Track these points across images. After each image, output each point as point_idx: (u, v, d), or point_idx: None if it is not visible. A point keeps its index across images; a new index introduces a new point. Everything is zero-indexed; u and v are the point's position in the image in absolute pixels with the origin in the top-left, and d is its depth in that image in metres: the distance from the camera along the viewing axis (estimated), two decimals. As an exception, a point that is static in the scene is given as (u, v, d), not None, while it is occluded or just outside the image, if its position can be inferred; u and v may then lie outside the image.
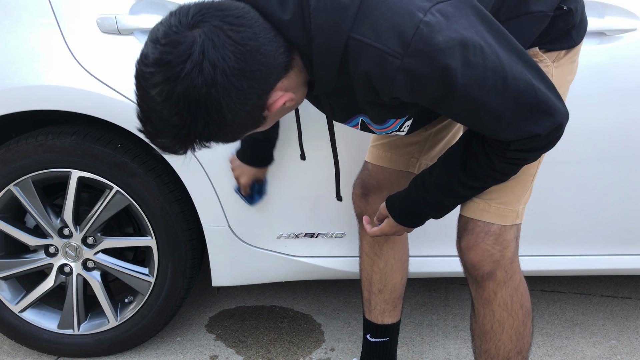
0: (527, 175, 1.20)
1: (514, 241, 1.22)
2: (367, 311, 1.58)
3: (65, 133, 1.60)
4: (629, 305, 2.14)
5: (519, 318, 1.25)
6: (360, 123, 1.18)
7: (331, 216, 1.70)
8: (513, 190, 1.19)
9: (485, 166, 1.10)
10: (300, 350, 1.88)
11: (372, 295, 1.55)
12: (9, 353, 1.88)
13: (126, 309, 1.79)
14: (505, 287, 1.22)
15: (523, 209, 1.23)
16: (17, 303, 1.77)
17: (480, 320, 1.27)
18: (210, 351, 1.88)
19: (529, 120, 1.01)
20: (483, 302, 1.25)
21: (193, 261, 1.73)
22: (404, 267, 1.55)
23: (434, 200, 1.18)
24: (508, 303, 1.23)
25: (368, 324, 1.59)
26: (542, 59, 1.14)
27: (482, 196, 1.19)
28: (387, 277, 1.53)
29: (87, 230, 1.69)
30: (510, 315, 1.24)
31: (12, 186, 1.64)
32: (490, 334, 1.26)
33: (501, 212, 1.19)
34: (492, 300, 1.23)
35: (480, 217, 1.20)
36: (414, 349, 1.89)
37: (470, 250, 1.21)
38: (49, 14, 1.53)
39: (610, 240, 1.71)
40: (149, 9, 1.53)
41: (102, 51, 1.52)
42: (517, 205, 1.21)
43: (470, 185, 1.15)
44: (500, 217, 1.19)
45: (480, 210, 1.20)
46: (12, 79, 1.54)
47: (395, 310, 1.57)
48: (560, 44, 1.15)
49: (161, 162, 1.63)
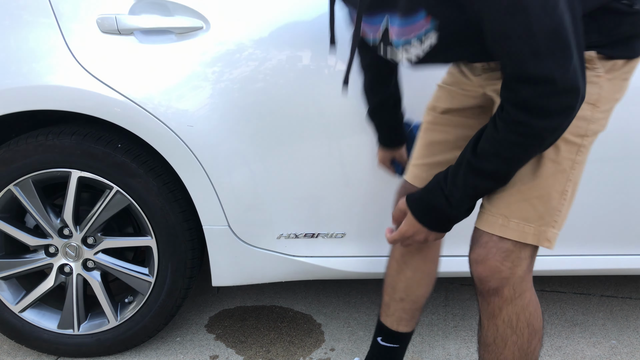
0: (550, 191, 1.12)
1: (528, 259, 1.17)
2: (384, 315, 1.54)
3: (65, 133, 1.60)
4: (629, 305, 2.14)
5: (524, 336, 1.20)
6: (384, 25, 1.09)
7: (331, 216, 1.70)
8: (535, 207, 1.12)
9: (491, 138, 1.03)
10: (300, 350, 1.88)
11: (392, 302, 1.51)
12: (9, 353, 1.88)
13: (126, 309, 1.79)
14: (511, 304, 1.18)
15: (554, 234, 1.14)
16: (17, 303, 1.77)
17: (484, 332, 1.24)
18: (210, 351, 1.88)
19: (555, 58, 0.94)
20: (487, 315, 1.21)
21: (193, 261, 1.73)
22: (430, 281, 1.50)
23: (449, 190, 1.11)
24: (513, 320, 1.19)
25: (382, 327, 1.56)
26: (594, 66, 1.08)
27: (501, 211, 1.14)
28: (412, 288, 1.48)
29: (87, 230, 1.69)
30: (514, 333, 1.19)
31: (12, 186, 1.64)
32: (492, 347, 1.23)
33: (520, 228, 1.13)
34: (496, 315, 1.19)
35: (496, 231, 1.14)
36: (414, 349, 1.89)
37: (478, 264, 1.17)
38: (49, 14, 1.53)
39: (610, 240, 1.71)
40: (149, 9, 1.53)
41: (102, 51, 1.53)
42: (541, 225, 1.13)
43: (478, 168, 1.06)
44: (518, 233, 1.13)
45: (500, 226, 1.14)
46: (12, 79, 1.54)
47: (412, 321, 1.53)
48: (619, 51, 1.08)
49: (161, 162, 1.63)
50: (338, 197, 1.67)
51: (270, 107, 1.56)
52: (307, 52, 1.54)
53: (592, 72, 1.07)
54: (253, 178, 1.63)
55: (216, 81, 1.54)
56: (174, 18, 1.53)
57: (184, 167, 1.59)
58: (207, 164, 1.59)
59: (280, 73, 1.54)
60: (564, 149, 1.10)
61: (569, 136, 1.09)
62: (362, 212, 1.69)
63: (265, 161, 1.62)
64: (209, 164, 1.59)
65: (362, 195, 1.67)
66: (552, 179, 1.11)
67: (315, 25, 1.54)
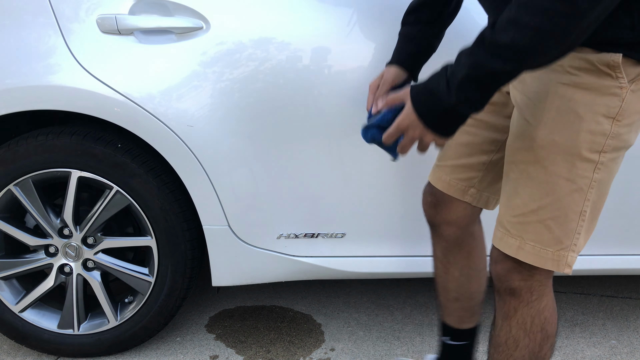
0: (567, 212, 1.05)
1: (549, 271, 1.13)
2: (445, 315, 1.51)
3: (65, 133, 1.60)
4: (629, 305, 2.14)
5: (536, 340, 1.17)
6: None
7: (331, 216, 1.70)
8: (551, 229, 1.06)
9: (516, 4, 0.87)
10: (300, 350, 1.88)
11: (448, 302, 1.48)
12: (9, 353, 1.88)
13: (126, 309, 1.79)
14: (527, 307, 1.14)
15: (574, 258, 1.09)
16: (17, 303, 1.77)
17: (497, 331, 1.21)
18: (210, 351, 1.88)
19: None
20: (502, 315, 1.19)
21: (193, 261, 1.73)
22: (481, 274, 1.45)
23: (452, 71, 0.95)
24: (527, 323, 1.16)
25: (446, 328, 1.52)
26: (618, 74, 0.98)
27: (518, 232, 1.09)
28: (463, 286, 1.45)
29: (87, 230, 1.69)
30: (527, 336, 1.17)
31: (12, 186, 1.64)
32: (504, 347, 1.21)
33: (537, 252, 1.08)
34: (511, 316, 1.17)
35: (512, 253, 1.10)
36: (414, 349, 1.89)
37: (497, 263, 1.14)
38: (49, 14, 1.53)
39: (610, 240, 1.71)
40: (149, 9, 1.53)
41: (102, 51, 1.53)
42: (560, 249, 1.07)
43: (491, 40, 0.89)
44: (535, 257, 1.09)
45: (516, 248, 1.10)
46: (12, 79, 1.54)
47: (475, 316, 1.50)
48: None
49: (161, 162, 1.63)
50: (338, 197, 1.67)
51: (271, 107, 1.56)
52: (307, 52, 1.54)
53: (614, 81, 0.98)
54: (253, 178, 1.63)
55: (216, 81, 1.54)
56: (174, 18, 1.53)
57: (183, 167, 1.59)
58: (207, 164, 1.59)
59: (280, 73, 1.54)
60: (579, 166, 1.02)
61: (583, 152, 1.01)
62: (362, 212, 1.69)
63: (265, 161, 1.62)
64: (209, 164, 1.59)
65: (362, 195, 1.67)
66: (568, 199, 1.04)
67: (315, 25, 1.54)
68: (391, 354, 1.87)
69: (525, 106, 1.08)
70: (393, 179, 1.64)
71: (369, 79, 1.53)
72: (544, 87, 1.04)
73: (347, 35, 1.54)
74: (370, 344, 1.92)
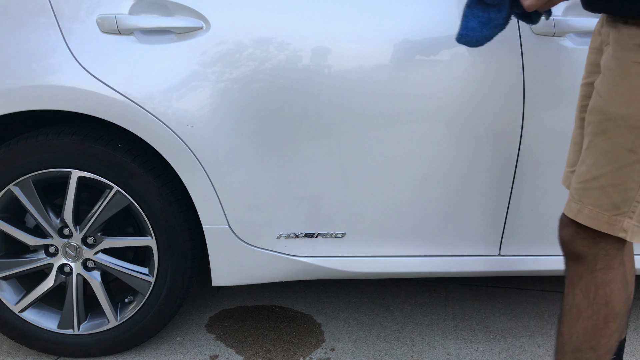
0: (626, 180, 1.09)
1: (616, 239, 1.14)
2: None
3: (65, 133, 1.60)
4: (629, 305, 2.14)
5: (600, 314, 1.16)
6: None
7: (331, 216, 1.70)
8: (609, 195, 1.10)
9: None
10: (300, 350, 1.89)
11: None
12: (9, 353, 1.88)
13: (126, 309, 1.79)
14: (592, 275, 1.15)
15: (632, 225, 1.11)
16: (17, 303, 1.77)
17: (564, 299, 1.22)
18: (210, 351, 1.88)
19: None
20: (568, 282, 1.21)
21: (193, 261, 1.73)
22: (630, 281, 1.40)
23: None
24: (591, 292, 1.16)
25: None
26: None
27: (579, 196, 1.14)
28: None
29: (87, 230, 1.69)
30: (589, 307, 1.17)
31: (12, 186, 1.64)
32: (567, 317, 1.21)
33: (594, 215, 1.12)
34: (575, 283, 1.18)
35: (571, 215, 1.16)
36: (414, 349, 1.89)
37: (563, 228, 1.18)
38: (49, 14, 1.53)
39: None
40: (149, 9, 1.53)
41: (102, 51, 1.53)
42: (616, 214, 1.11)
43: None
44: (591, 220, 1.13)
45: (576, 211, 1.15)
46: (12, 79, 1.54)
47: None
48: None
49: (161, 162, 1.63)
50: (338, 197, 1.67)
51: (271, 107, 1.56)
52: (307, 52, 1.54)
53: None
54: (253, 178, 1.63)
55: (216, 81, 1.54)
56: (174, 18, 1.53)
57: (184, 167, 1.59)
58: (207, 164, 1.59)
59: (280, 73, 1.54)
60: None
61: None
62: (362, 212, 1.69)
63: (265, 161, 1.62)
64: (209, 163, 1.59)
65: (362, 195, 1.67)
66: (630, 169, 1.08)
67: (315, 25, 1.54)
68: (391, 354, 1.87)
69: (600, 82, 1.13)
70: (393, 179, 1.64)
71: (369, 79, 1.53)
72: (618, 64, 1.09)
73: (347, 35, 1.55)
74: (370, 344, 1.92)
